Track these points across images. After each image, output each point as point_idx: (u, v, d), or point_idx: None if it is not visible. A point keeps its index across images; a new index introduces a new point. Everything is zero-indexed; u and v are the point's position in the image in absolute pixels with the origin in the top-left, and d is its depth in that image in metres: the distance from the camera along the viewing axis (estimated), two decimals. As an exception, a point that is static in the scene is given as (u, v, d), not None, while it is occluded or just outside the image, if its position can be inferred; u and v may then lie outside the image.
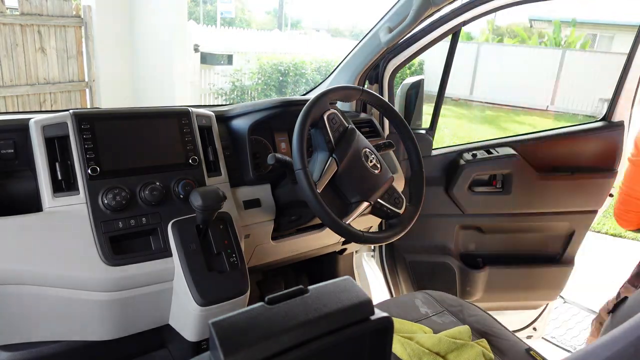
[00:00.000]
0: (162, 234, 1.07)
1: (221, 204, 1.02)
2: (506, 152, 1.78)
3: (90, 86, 5.02)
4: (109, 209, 1.03)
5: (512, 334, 1.25)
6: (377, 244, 1.30)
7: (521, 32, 12.51)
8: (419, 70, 10.65)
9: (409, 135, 1.27)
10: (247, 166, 1.28)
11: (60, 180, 1.02)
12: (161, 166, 1.12)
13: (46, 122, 1.03)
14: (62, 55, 4.72)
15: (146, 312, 1.13)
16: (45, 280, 0.98)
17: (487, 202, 1.83)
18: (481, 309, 1.36)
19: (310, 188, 1.04)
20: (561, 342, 2.33)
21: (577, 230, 1.88)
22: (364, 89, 1.23)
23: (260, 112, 1.32)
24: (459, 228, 1.88)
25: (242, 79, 7.31)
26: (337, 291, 0.51)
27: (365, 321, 0.49)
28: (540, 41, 11.98)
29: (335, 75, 1.73)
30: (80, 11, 4.80)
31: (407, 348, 1.11)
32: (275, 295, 0.49)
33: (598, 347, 0.51)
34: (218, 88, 6.95)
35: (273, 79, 7.50)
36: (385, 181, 1.19)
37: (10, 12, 4.35)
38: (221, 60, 6.63)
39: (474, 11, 1.60)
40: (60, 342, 1.15)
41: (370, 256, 2.08)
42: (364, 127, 1.58)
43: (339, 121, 1.17)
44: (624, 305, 1.40)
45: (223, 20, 13.67)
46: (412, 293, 1.42)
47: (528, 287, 1.96)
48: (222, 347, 0.42)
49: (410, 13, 1.34)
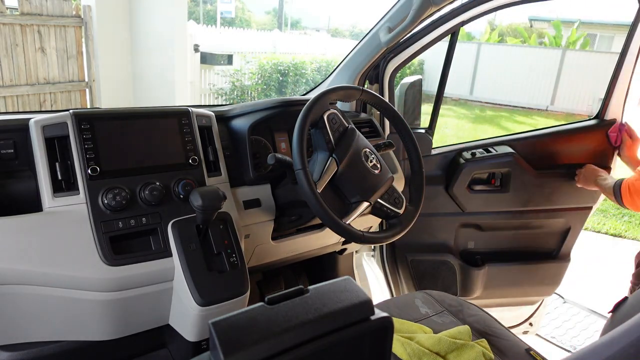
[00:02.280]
0: (162, 234, 1.07)
1: (221, 204, 1.02)
2: (504, 150, 1.81)
3: (90, 86, 5.02)
4: (109, 209, 1.03)
5: (512, 334, 1.25)
6: (377, 244, 1.30)
7: (522, 31, 12.51)
8: (419, 70, 10.64)
9: (409, 135, 1.27)
10: (247, 166, 1.28)
11: (60, 180, 1.02)
12: (161, 166, 1.12)
13: (46, 122, 1.03)
14: (62, 55, 4.72)
15: (146, 312, 1.13)
16: (45, 280, 0.98)
17: (486, 200, 1.84)
18: (481, 309, 1.36)
19: (310, 188, 1.04)
20: (561, 342, 2.34)
21: (572, 226, 1.92)
22: (364, 89, 1.23)
23: (260, 112, 1.32)
24: (459, 226, 1.90)
25: (242, 79, 7.31)
26: (337, 291, 0.51)
27: (365, 321, 0.49)
28: (540, 41, 11.97)
29: (335, 75, 1.74)
30: (80, 11, 4.80)
31: (407, 348, 1.11)
32: (275, 295, 0.49)
33: (598, 347, 0.51)
34: (218, 88, 6.95)
35: (273, 79, 7.50)
36: (385, 181, 1.19)
37: (10, 12, 4.35)
38: (221, 60, 6.63)
39: (473, 11, 1.60)
40: (60, 342, 1.15)
41: (371, 256, 2.09)
42: (364, 127, 1.58)
43: (339, 121, 1.17)
44: (624, 305, 1.40)
45: (223, 20, 13.67)
46: (412, 293, 1.42)
47: (526, 283, 1.99)
48: (222, 347, 0.42)
49: (410, 13, 1.34)
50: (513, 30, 13.77)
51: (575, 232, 1.93)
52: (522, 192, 1.83)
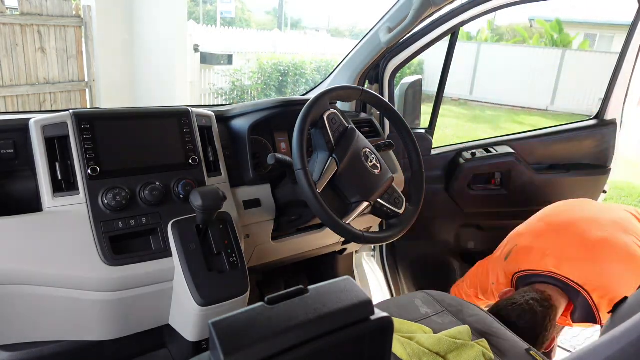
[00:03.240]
0: (162, 234, 1.07)
1: (221, 204, 1.02)
2: (504, 150, 1.81)
3: (90, 86, 5.02)
4: (109, 209, 1.03)
5: (512, 334, 1.25)
6: (377, 244, 1.30)
7: (522, 31, 12.51)
8: (419, 70, 10.64)
9: (409, 136, 1.27)
10: (247, 166, 1.28)
11: (60, 180, 1.02)
12: (161, 166, 1.12)
13: (46, 122, 1.03)
14: (62, 55, 4.72)
15: (146, 312, 1.13)
16: (45, 280, 0.98)
17: (486, 200, 1.84)
18: (481, 309, 1.36)
19: (310, 188, 1.04)
20: (561, 342, 2.33)
21: None
22: (364, 89, 1.23)
23: (260, 112, 1.32)
24: (459, 226, 1.90)
25: (242, 79, 7.31)
26: (337, 291, 0.51)
27: (365, 321, 0.49)
28: (541, 41, 11.97)
29: (335, 75, 1.74)
30: (80, 11, 4.80)
31: (407, 348, 1.11)
32: (275, 295, 0.49)
33: (598, 347, 0.51)
34: (218, 88, 6.94)
35: (273, 79, 7.50)
36: (385, 181, 1.19)
37: (10, 12, 4.35)
38: (221, 60, 6.63)
39: (473, 11, 1.61)
40: (60, 342, 1.15)
41: (371, 256, 2.09)
42: (364, 127, 1.58)
43: (339, 121, 1.17)
44: (624, 305, 1.40)
45: (223, 20, 13.66)
46: (412, 293, 1.43)
47: None
48: (222, 347, 0.42)
49: (410, 13, 1.34)
50: (512, 31, 13.77)
51: None
52: (522, 192, 1.83)
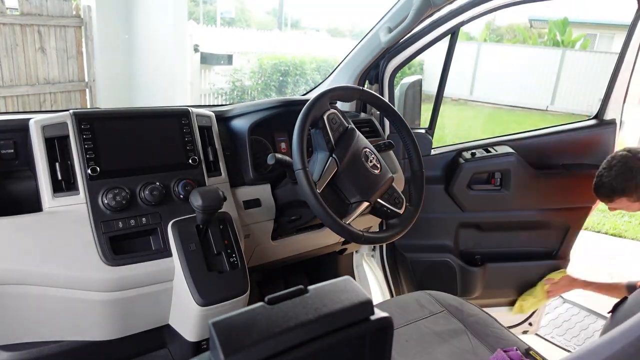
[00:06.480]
0: (162, 234, 1.07)
1: (221, 204, 1.02)
2: (504, 150, 1.81)
3: (90, 86, 5.01)
4: (109, 209, 1.03)
5: (512, 334, 1.25)
6: (377, 244, 1.30)
7: (522, 31, 12.50)
8: (419, 70, 10.64)
9: (409, 136, 1.27)
10: (247, 166, 1.28)
11: (60, 180, 1.02)
12: (161, 166, 1.12)
13: (46, 122, 1.03)
14: (62, 55, 4.71)
15: (146, 312, 1.13)
16: (45, 280, 0.98)
17: (486, 200, 1.85)
18: (481, 309, 1.36)
19: (310, 188, 1.04)
20: (561, 342, 2.34)
21: (572, 226, 1.93)
22: (364, 89, 1.23)
23: (260, 112, 1.32)
24: (459, 226, 1.90)
25: (242, 79, 7.30)
26: (337, 291, 0.51)
27: (365, 321, 0.49)
28: (540, 41, 11.96)
29: (335, 75, 1.74)
30: (80, 11, 4.80)
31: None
32: (275, 295, 0.49)
33: (598, 346, 0.51)
34: (218, 88, 6.94)
35: (273, 79, 7.50)
36: (385, 181, 1.19)
37: (10, 12, 4.35)
38: (221, 60, 6.62)
39: (473, 11, 1.61)
40: (60, 342, 1.15)
41: (371, 256, 2.09)
42: (364, 127, 1.58)
43: (339, 121, 1.17)
44: (623, 306, 1.40)
45: (223, 20, 13.64)
46: (412, 293, 1.43)
47: (525, 282, 1.99)
48: (222, 347, 0.42)
49: (410, 13, 1.34)
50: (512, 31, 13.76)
51: (575, 231, 1.94)
52: (522, 192, 1.83)
